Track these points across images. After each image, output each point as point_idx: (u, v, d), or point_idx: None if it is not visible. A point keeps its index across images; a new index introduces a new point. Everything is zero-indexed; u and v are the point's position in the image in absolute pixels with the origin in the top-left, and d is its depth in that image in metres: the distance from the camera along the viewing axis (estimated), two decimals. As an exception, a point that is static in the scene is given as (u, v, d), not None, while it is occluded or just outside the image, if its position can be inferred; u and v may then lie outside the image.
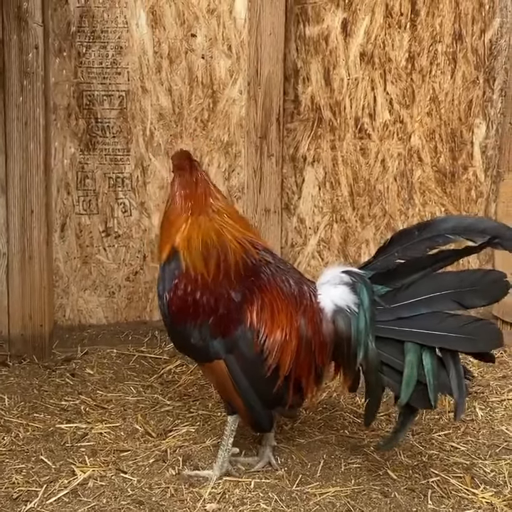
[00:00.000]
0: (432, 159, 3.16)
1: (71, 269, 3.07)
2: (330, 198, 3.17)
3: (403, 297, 1.94)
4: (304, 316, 1.99)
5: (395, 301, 1.94)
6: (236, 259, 2.01)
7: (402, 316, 1.92)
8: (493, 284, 1.93)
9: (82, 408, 2.53)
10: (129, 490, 2.04)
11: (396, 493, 2.04)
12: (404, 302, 1.93)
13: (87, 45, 2.96)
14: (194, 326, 1.99)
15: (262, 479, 2.09)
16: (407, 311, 1.93)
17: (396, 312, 1.94)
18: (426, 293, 1.92)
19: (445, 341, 1.89)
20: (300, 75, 3.08)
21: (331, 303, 2.00)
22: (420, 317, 1.91)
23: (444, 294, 1.92)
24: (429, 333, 1.89)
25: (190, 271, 2.00)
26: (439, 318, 1.91)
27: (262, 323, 1.97)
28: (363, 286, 1.95)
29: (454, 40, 3.10)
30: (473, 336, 1.90)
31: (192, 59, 3.02)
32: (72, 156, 3.01)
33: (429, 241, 1.94)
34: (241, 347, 1.97)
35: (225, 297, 1.97)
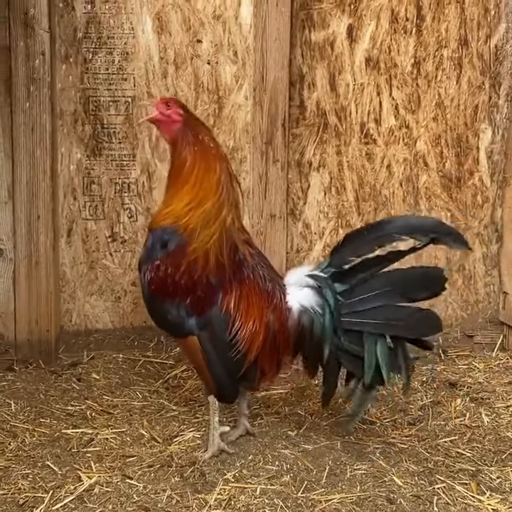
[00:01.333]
0: (438, 164, 3.16)
1: (77, 274, 3.08)
2: (335, 204, 3.17)
3: (358, 293, 2.20)
4: (273, 313, 2.22)
5: (351, 296, 2.21)
6: (229, 251, 2.19)
7: (356, 310, 2.20)
8: (434, 279, 2.21)
9: (88, 413, 2.54)
10: (135, 496, 2.04)
11: (402, 499, 2.04)
12: (358, 297, 2.20)
13: (93, 51, 2.98)
14: (172, 304, 2.17)
15: (267, 485, 2.09)
16: (360, 305, 2.19)
17: (352, 306, 2.20)
18: (376, 288, 2.19)
19: (393, 329, 2.16)
20: (305, 80, 3.09)
21: (297, 303, 2.24)
22: (372, 310, 2.18)
23: (392, 289, 2.18)
24: (379, 323, 2.17)
25: (179, 253, 2.14)
26: (388, 310, 2.18)
27: (238, 313, 2.18)
28: (327, 289, 2.21)
29: (460, 46, 3.10)
30: (417, 324, 2.17)
31: (198, 65, 3.03)
32: (78, 162, 3.03)
33: (377, 240, 2.19)
34: (214, 326, 2.17)
35: (203, 282, 2.15)
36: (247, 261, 2.23)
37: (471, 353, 3.07)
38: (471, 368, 2.93)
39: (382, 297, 2.18)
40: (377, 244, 2.19)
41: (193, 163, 2.19)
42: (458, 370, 2.92)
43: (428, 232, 2.16)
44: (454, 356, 3.05)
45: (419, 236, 2.16)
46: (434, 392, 2.71)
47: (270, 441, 2.32)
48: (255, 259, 2.28)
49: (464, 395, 2.69)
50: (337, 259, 2.24)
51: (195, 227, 2.15)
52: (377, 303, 2.18)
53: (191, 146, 2.21)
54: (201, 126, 2.29)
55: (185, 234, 2.15)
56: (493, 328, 3.19)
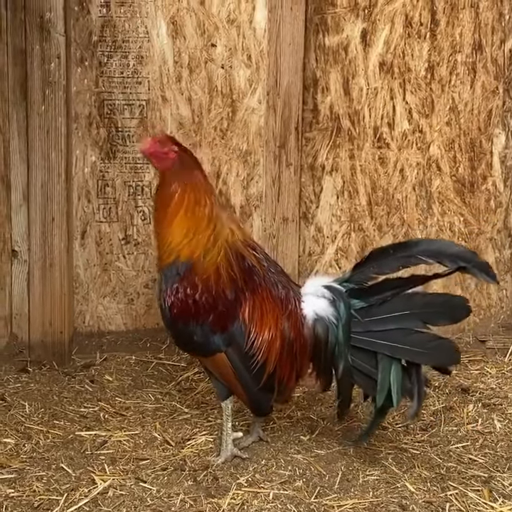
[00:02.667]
0: (451, 169, 3.16)
1: (91, 276, 3.10)
2: (348, 207, 3.18)
3: (376, 313, 2.17)
4: (288, 320, 2.21)
5: (368, 315, 2.18)
6: (237, 261, 2.19)
7: (372, 330, 2.17)
8: (457, 308, 2.18)
9: (101, 415, 2.55)
10: (149, 500, 2.05)
11: (414, 505, 2.04)
12: (376, 317, 2.17)
13: (108, 54, 2.99)
14: (195, 324, 2.17)
15: (280, 490, 2.10)
16: (377, 326, 2.17)
17: (368, 325, 2.18)
18: (396, 310, 2.16)
19: (409, 354, 2.13)
20: (319, 84, 3.09)
21: (312, 312, 2.22)
22: (389, 332, 2.15)
23: (412, 313, 2.14)
24: (396, 346, 2.13)
25: (193, 275, 2.16)
26: (406, 333, 2.14)
27: (253, 322, 2.18)
28: (341, 303, 2.19)
29: (474, 50, 3.09)
30: (434, 352, 2.13)
31: (212, 68, 3.04)
32: (92, 165, 3.04)
33: (402, 260, 2.16)
34: (238, 340, 2.18)
35: (222, 296, 2.16)
36: (256, 268, 2.23)
37: (483, 358, 3.06)
38: (484, 373, 2.93)
39: (401, 320, 2.14)
40: (402, 264, 2.16)
41: (183, 195, 2.18)
42: (470, 375, 2.92)
43: (457, 260, 2.11)
44: (466, 361, 3.04)
45: (447, 262, 2.12)
46: (447, 398, 2.71)
47: (283, 446, 2.33)
48: (264, 265, 2.27)
49: (476, 400, 2.69)
50: (358, 274, 2.21)
51: (200, 253, 2.17)
52: (395, 325, 2.14)
53: (182, 179, 2.21)
54: (193, 162, 2.29)
55: (193, 261, 2.17)
56: (505, 333, 3.18)
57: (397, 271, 2.19)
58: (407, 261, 2.15)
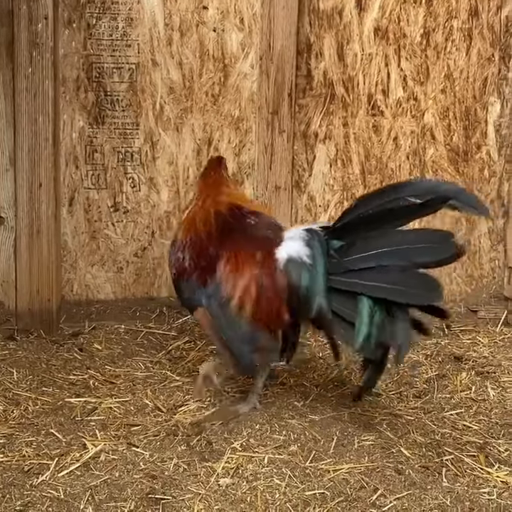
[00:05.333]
0: (445, 137, 3.12)
1: (79, 244, 3.04)
2: (341, 176, 3.14)
3: (355, 251, 2.07)
4: (262, 266, 2.20)
5: (348, 254, 2.08)
6: (216, 225, 2.29)
7: (352, 269, 2.06)
8: (441, 242, 2.02)
9: (91, 383, 2.51)
10: (142, 464, 2.02)
11: (410, 470, 2.03)
12: (355, 256, 2.06)
13: (97, 16, 2.91)
14: (186, 282, 2.32)
15: (275, 455, 2.08)
16: (357, 264, 2.06)
17: (347, 264, 2.08)
18: (376, 248, 2.04)
19: (390, 293, 2.01)
20: (313, 49, 3.03)
21: (285, 254, 2.18)
22: (369, 270, 2.03)
23: (394, 250, 2.03)
24: (375, 285, 2.02)
25: (182, 237, 2.35)
26: (386, 271, 2.02)
27: (228, 274, 2.22)
28: (315, 242, 2.12)
29: (470, 16, 3.05)
30: (415, 289, 2.01)
31: (203, 32, 2.97)
32: (80, 130, 2.97)
33: (390, 204, 2.05)
34: (216, 292, 2.23)
35: (203, 254, 2.28)
36: (236, 223, 2.29)
37: (474, 328, 3.06)
38: (476, 342, 2.92)
39: (381, 258, 2.02)
40: (392, 206, 2.04)
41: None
42: (462, 344, 2.91)
43: (445, 197, 2.00)
44: (458, 331, 3.04)
45: (437, 200, 2.01)
46: (439, 366, 2.70)
47: (277, 412, 2.31)
48: (249, 221, 2.30)
49: (469, 368, 2.68)
50: (344, 218, 2.14)
51: (186, 226, 2.39)
52: (375, 263, 2.03)
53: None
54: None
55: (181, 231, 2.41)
56: (497, 303, 3.18)
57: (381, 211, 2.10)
58: (395, 204, 2.04)
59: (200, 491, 1.90)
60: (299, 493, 1.90)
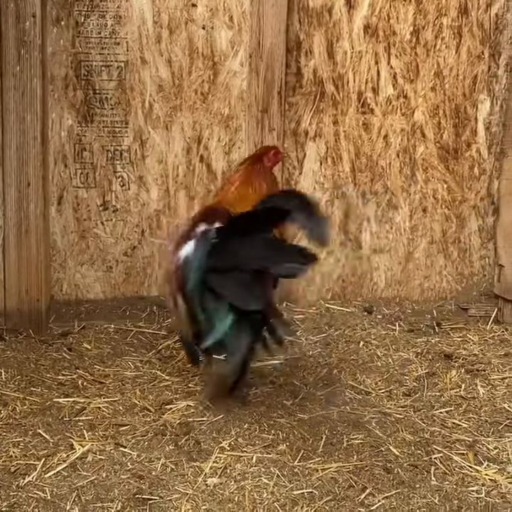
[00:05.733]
0: (435, 135, 3.12)
1: (68, 243, 3.03)
2: (331, 174, 3.13)
3: (221, 253, 2.21)
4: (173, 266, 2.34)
5: (216, 255, 2.21)
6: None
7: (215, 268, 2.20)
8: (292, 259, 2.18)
9: (79, 383, 2.50)
10: (129, 464, 2.01)
11: (399, 469, 2.02)
12: (220, 257, 2.21)
13: (85, 14, 2.90)
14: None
15: (263, 454, 2.07)
16: (218, 265, 2.20)
17: (213, 264, 2.20)
18: (235, 253, 2.19)
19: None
20: (303, 47, 3.03)
21: (181, 253, 2.30)
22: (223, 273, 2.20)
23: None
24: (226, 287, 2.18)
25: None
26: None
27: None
28: (200, 240, 2.26)
29: (460, 14, 3.04)
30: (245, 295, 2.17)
31: (192, 29, 2.95)
32: (69, 128, 2.96)
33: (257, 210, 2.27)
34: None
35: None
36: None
37: (465, 326, 3.05)
38: (466, 340, 2.92)
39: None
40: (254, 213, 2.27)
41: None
42: (452, 342, 2.91)
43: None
44: (449, 329, 3.03)
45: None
46: (429, 364, 2.69)
47: (266, 411, 2.30)
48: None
49: (459, 366, 2.68)
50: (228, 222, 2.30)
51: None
52: (230, 266, 2.19)
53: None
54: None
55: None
56: (487, 301, 3.17)
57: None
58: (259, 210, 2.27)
59: (187, 491, 1.89)
60: (287, 493, 1.90)
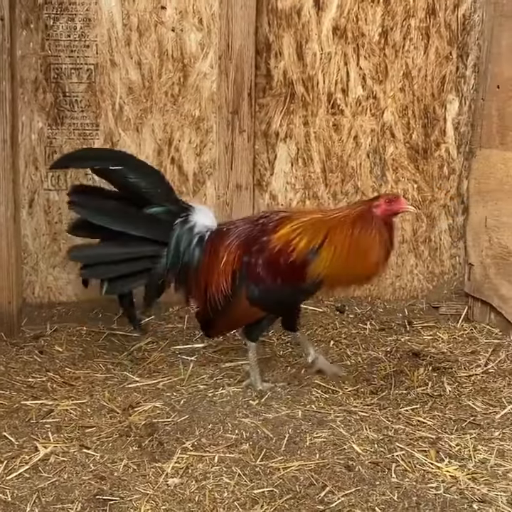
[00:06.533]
0: (405, 135, 3.14)
1: (40, 245, 3.03)
2: (302, 175, 3.15)
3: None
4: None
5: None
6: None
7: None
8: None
9: (48, 385, 2.50)
10: (91, 465, 2.02)
11: (360, 466, 2.04)
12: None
13: (54, 17, 2.90)
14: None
15: (226, 454, 2.08)
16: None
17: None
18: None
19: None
20: (272, 49, 3.04)
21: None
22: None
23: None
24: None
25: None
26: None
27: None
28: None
29: (428, 15, 3.07)
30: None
31: (162, 32, 2.96)
32: (40, 131, 2.96)
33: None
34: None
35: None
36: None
37: (436, 324, 3.08)
38: (436, 338, 2.94)
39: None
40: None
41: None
42: (422, 340, 2.93)
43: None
44: (420, 327, 3.05)
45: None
46: (398, 362, 2.71)
47: (231, 411, 2.31)
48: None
49: (427, 364, 2.69)
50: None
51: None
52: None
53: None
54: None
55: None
56: (458, 299, 3.20)
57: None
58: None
59: (148, 492, 1.90)
60: (247, 492, 1.91)
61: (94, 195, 2.50)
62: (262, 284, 2.30)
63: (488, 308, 3.04)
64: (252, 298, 2.31)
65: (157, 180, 2.46)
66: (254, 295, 2.30)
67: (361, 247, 2.28)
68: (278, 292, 2.30)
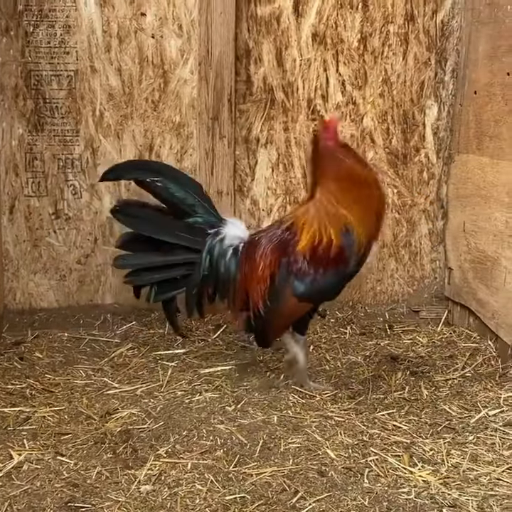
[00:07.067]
0: (385, 141, 3.16)
1: (21, 252, 3.04)
2: (283, 180, 3.16)
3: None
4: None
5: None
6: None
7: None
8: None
9: (27, 392, 2.51)
10: (65, 473, 2.02)
11: (333, 472, 2.04)
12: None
13: (34, 24, 2.91)
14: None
15: (199, 460, 2.09)
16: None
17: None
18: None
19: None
20: (252, 55, 3.06)
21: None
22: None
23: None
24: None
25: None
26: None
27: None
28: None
29: (406, 21, 3.09)
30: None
31: (142, 38, 2.98)
32: (20, 137, 2.97)
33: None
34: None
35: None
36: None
37: (416, 328, 3.09)
38: (415, 342, 2.96)
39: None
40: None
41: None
42: (402, 344, 2.94)
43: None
44: (400, 331, 3.07)
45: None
46: (376, 367, 2.72)
47: (206, 417, 2.31)
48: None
49: (405, 368, 2.70)
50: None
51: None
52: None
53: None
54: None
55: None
56: (438, 303, 3.22)
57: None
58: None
59: (119, 499, 1.90)
60: (219, 498, 1.92)
61: (137, 207, 2.57)
62: (307, 279, 2.33)
63: (467, 312, 3.06)
64: (300, 294, 2.34)
65: (196, 192, 2.54)
66: (301, 291, 2.34)
67: (357, 178, 2.31)
68: (324, 282, 2.34)
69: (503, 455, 2.15)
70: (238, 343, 2.91)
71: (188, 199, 2.49)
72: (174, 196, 2.49)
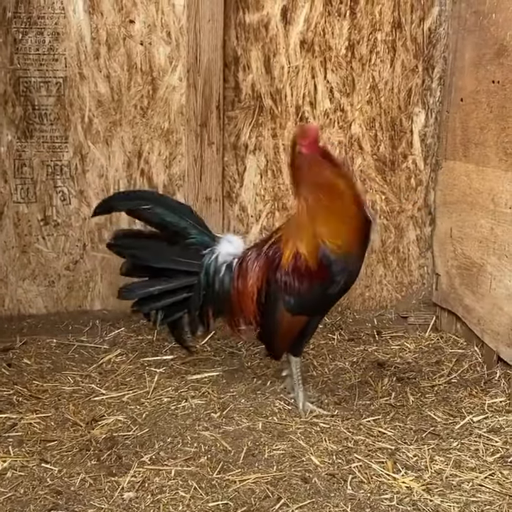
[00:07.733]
0: (372, 147, 3.17)
1: (9, 258, 3.04)
2: (272, 186, 3.17)
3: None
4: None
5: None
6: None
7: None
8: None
9: (14, 398, 2.51)
10: (49, 480, 2.03)
11: (316, 478, 2.05)
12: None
13: (23, 31, 2.92)
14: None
15: (183, 467, 2.09)
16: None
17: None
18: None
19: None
20: (240, 62, 3.07)
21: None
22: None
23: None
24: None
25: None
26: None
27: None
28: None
29: (394, 29, 3.10)
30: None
31: (131, 45, 2.99)
32: (9, 144, 2.98)
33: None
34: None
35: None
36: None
37: (404, 334, 3.10)
38: (403, 348, 2.97)
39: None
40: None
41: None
42: (390, 350, 2.95)
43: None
44: (388, 337, 3.08)
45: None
46: (363, 373, 2.73)
47: (191, 424, 2.32)
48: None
49: (391, 374, 2.71)
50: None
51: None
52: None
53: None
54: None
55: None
56: (426, 309, 3.23)
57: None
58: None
59: (102, 506, 1.91)
60: (202, 505, 1.92)
61: (133, 237, 2.59)
62: (294, 293, 2.33)
63: (454, 318, 3.07)
64: (291, 308, 2.35)
65: (187, 214, 2.55)
66: (291, 305, 2.34)
67: (333, 190, 2.26)
68: (311, 296, 2.33)
69: (486, 461, 2.16)
70: (226, 350, 2.92)
71: (181, 222, 2.50)
72: (166, 221, 2.50)
